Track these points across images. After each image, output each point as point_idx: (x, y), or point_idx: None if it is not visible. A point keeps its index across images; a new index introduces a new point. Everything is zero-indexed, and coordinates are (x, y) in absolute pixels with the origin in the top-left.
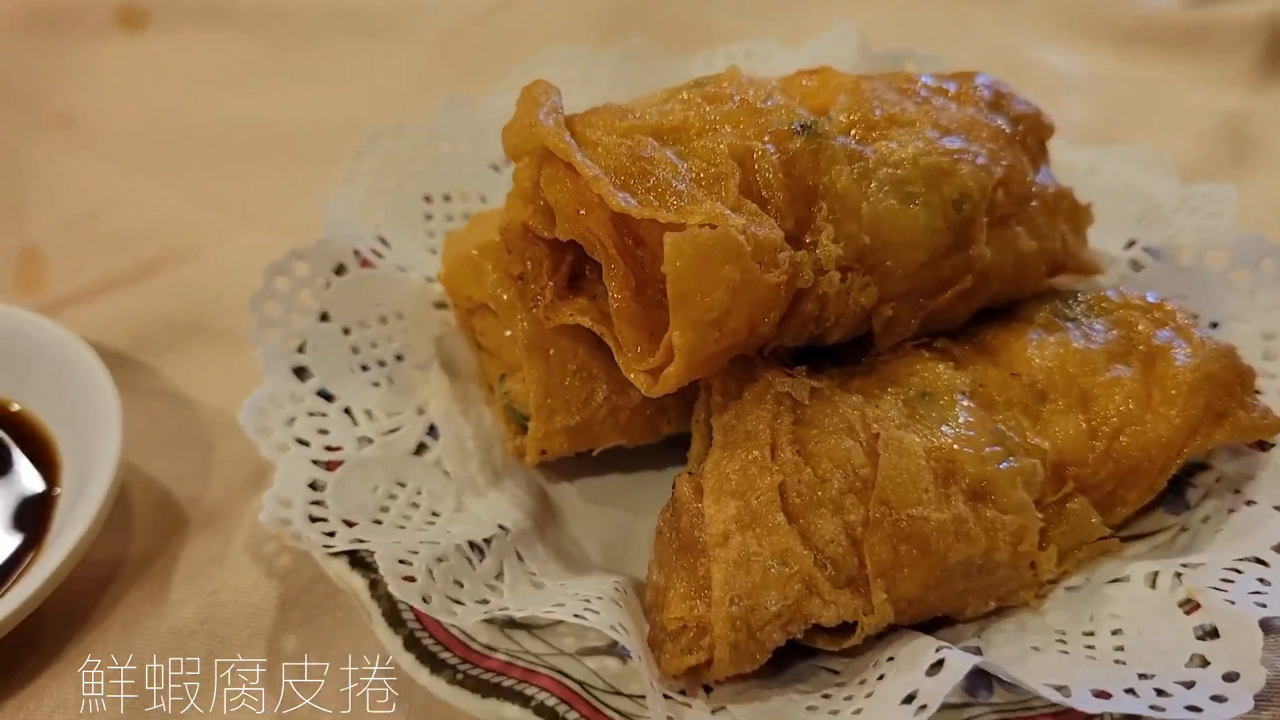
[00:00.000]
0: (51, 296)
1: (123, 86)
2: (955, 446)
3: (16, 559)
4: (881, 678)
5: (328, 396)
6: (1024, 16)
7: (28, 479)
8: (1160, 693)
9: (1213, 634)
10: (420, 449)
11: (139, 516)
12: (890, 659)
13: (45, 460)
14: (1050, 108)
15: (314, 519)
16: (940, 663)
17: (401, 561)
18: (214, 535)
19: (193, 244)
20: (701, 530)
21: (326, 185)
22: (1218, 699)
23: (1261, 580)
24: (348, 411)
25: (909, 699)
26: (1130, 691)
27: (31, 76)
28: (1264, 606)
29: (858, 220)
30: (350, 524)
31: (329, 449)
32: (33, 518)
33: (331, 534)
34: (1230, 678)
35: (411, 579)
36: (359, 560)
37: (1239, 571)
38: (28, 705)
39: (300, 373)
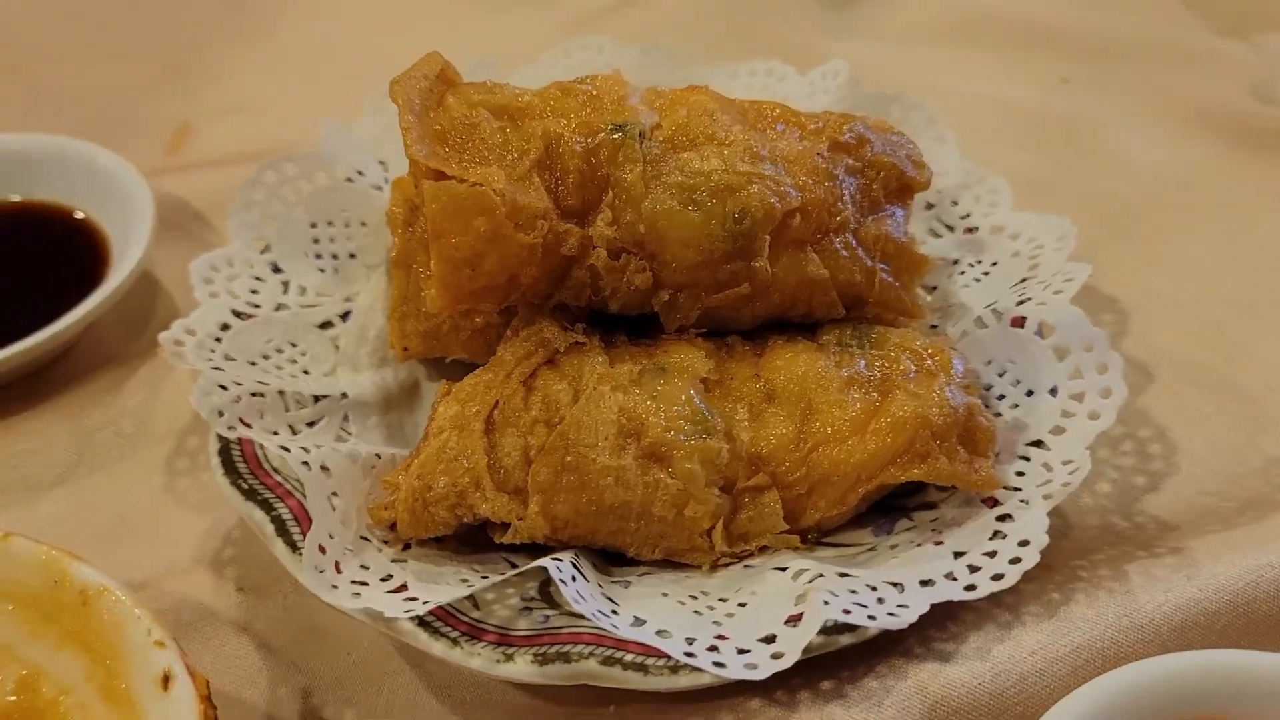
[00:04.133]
0: (185, 158)
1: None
2: (649, 413)
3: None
4: (521, 575)
5: (279, 270)
6: None
7: (86, 265)
8: (714, 649)
9: (797, 623)
10: (326, 325)
11: (155, 323)
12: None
13: (101, 253)
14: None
15: (209, 350)
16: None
17: (221, 386)
18: None
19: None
20: (431, 423)
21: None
22: (751, 666)
23: (880, 600)
24: (286, 284)
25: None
26: (689, 639)
27: None
28: (848, 613)
29: (637, 212)
30: (230, 359)
31: (253, 305)
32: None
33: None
34: (777, 656)
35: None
36: None
37: (873, 589)
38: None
39: (267, 251)
